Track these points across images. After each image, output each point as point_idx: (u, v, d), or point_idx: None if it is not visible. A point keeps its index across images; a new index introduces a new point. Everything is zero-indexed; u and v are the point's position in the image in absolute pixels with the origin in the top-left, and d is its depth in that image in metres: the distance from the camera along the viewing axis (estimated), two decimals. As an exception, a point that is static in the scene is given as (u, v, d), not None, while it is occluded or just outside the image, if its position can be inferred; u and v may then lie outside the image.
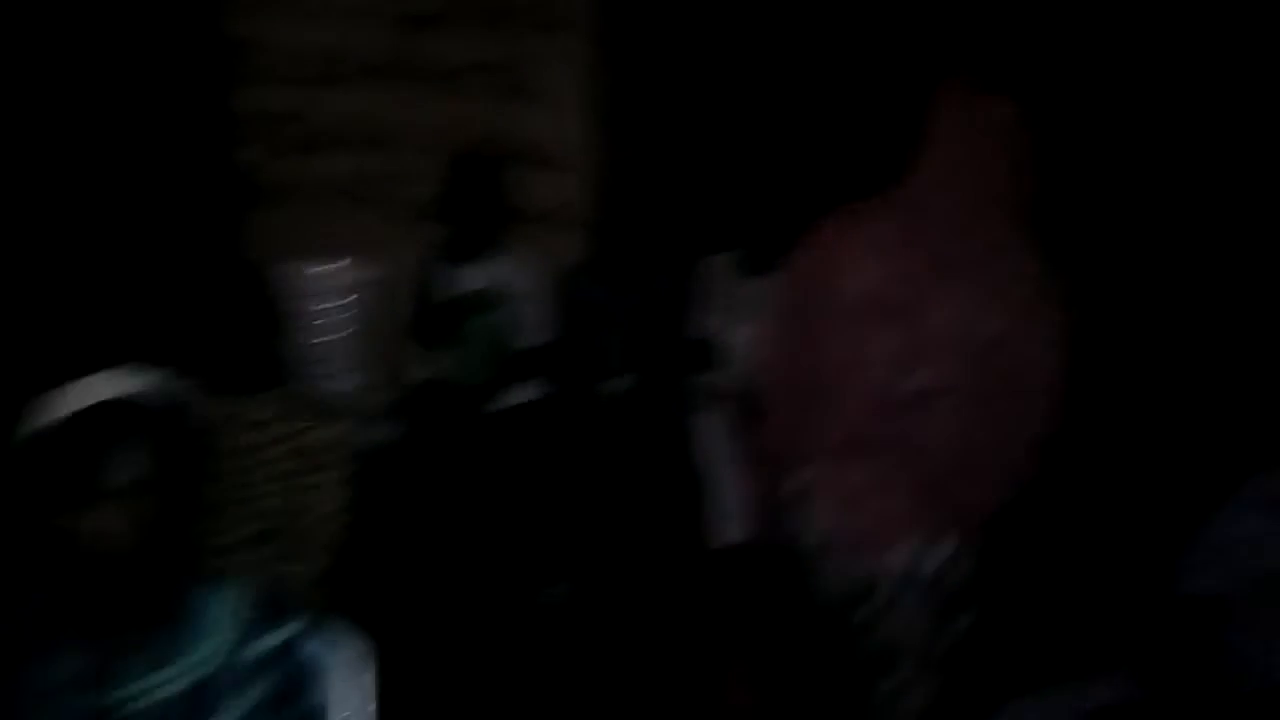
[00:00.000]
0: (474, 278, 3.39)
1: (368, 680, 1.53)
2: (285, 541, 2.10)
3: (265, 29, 3.96)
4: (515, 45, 3.98)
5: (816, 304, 2.34)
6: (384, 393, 3.61)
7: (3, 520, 1.34)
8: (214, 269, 2.30)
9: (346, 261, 3.70)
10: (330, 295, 3.61)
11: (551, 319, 3.49)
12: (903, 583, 2.29)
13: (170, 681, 1.36)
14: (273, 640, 1.40)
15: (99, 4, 3.78)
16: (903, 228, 2.27)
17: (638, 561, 3.39)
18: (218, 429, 1.50)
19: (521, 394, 3.46)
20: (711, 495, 3.38)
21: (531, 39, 3.97)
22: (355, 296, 3.70)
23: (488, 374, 3.41)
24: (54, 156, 3.72)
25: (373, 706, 1.53)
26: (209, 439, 1.46)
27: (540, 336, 3.46)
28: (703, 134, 3.95)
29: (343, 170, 4.02)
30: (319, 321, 3.62)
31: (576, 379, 3.51)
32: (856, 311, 2.27)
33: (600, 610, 3.35)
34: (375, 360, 3.68)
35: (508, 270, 3.41)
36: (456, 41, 4.02)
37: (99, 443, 1.29)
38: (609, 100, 3.98)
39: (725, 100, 3.93)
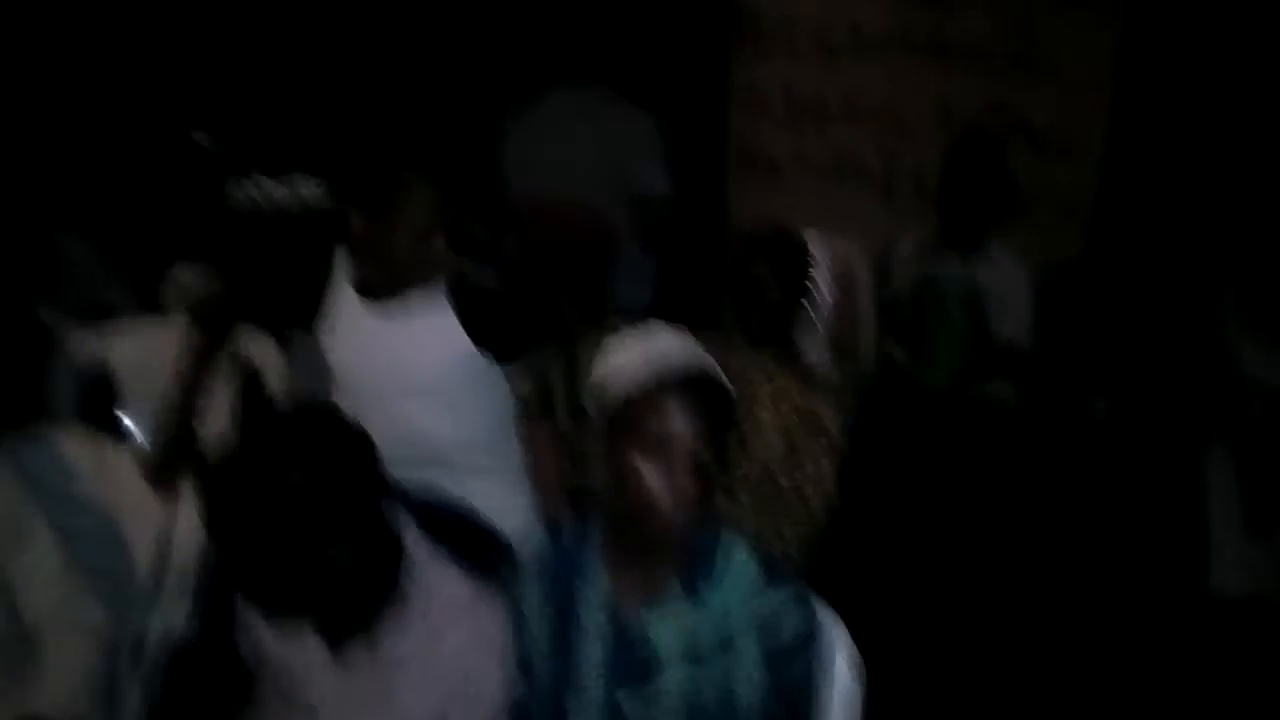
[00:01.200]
0: (958, 265, 3.20)
1: (852, 651, 1.56)
2: (780, 497, 2.12)
3: (773, 2, 4.00)
4: (1028, 17, 3.69)
5: None
6: (847, 371, 3.54)
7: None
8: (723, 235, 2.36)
9: (828, 236, 3.65)
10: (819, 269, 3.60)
11: (1034, 320, 3.22)
12: None
13: (702, 623, 1.42)
14: (777, 600, 1.43)
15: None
16: None
17: (1117, 604, 3.05)
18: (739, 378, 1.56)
19: (992, 395, 3.23)
20: (1214, 541, 2.95)
21: (1047, 11, 3.66)
22: (836, 272, 3.65)
23: (955, 368, 3.22)
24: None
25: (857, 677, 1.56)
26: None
27: (1019, 337, 3.21)
28: (1225, 132, 3.44)
29: (833, 144, 3.98)
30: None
31: (1054, 388, 3.23)
32: None
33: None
34: (843, 338, 3.62)
35: (996, 260, 3.19)
36: (962, 12, 3.81)
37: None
38: (1130, 84, 3.58)
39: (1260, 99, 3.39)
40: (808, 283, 2.47)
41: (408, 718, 1.44)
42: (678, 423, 1.36)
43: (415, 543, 1.48)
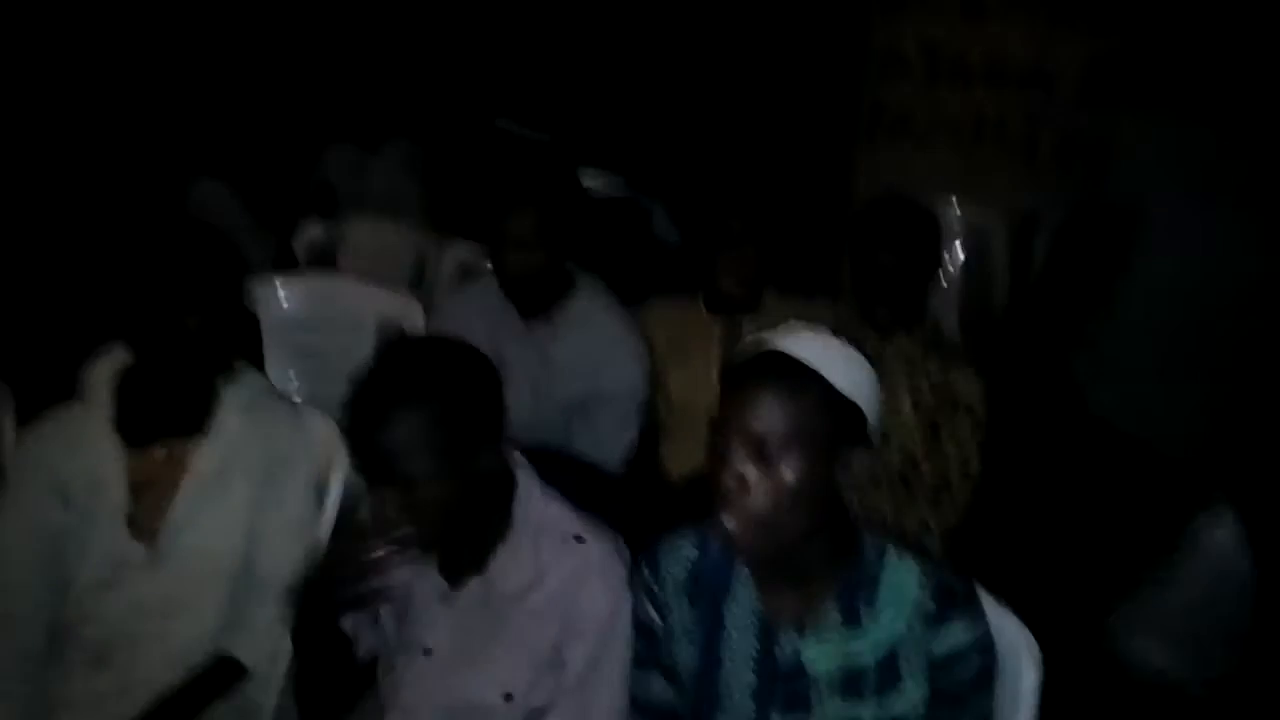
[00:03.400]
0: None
1: (1035, 676, 1.42)
2: (923, 485, 2.07)
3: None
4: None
5: None
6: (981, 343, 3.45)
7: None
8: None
9: (964, 201, 3.55)
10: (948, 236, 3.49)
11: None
12: None
13: (862, 653, 1.33)
14: (950, 635, 1.30)
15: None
16: None
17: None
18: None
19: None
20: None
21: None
22: (961, 239, 3.55)
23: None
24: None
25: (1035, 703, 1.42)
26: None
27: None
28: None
29: (974, 106, 3.85)
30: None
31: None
32: None
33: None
34: (977, 308, 3.53)
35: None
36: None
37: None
38: None
39: None
40: (939, 250, 2.34)
41: (522, 651, 1.46)
42: (775, 420, 1.26)
43: (525, 477, 1.51)
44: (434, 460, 1.35)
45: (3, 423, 1.96)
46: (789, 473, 1.25)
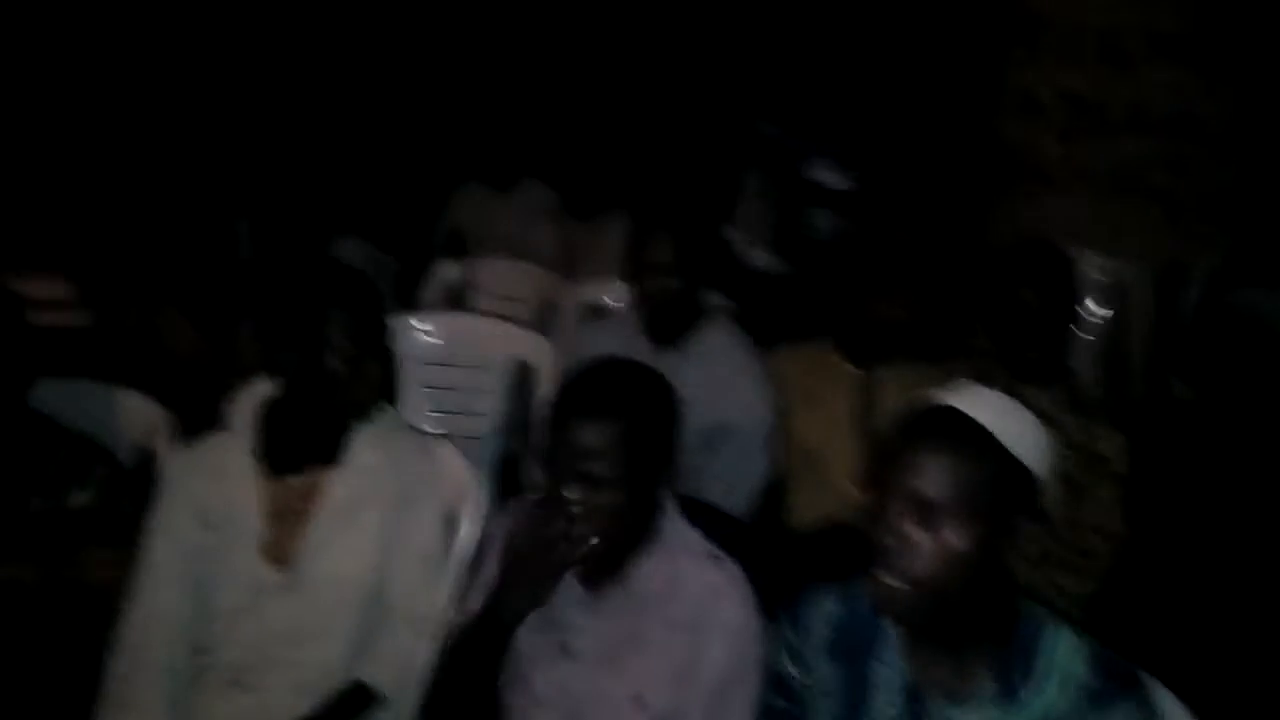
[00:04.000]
0: (1255, 299, 2.93)
1: None
2: (1063, 551, 1.98)
3: (1056, 4, 3.78)
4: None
5: None
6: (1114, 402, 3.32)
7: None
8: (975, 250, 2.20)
9: (1104, 254, 3.42)
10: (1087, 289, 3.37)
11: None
12: None
13: None
14: (1121, 712, 1.22)
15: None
16: None
17: None
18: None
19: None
20: None
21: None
22: (1101, 291, 3.42)
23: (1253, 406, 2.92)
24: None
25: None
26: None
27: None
28: None
29: (1117, 156, 3.73)
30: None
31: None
32: None
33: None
34: (1117, 363, 3.39)
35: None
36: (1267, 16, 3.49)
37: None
38: None
39: None
40: (1077, 303, 2.26)
41: (657, 657, 1.49)
42: (946, 484, 1.20)
43: (668, 499, 1.57)
44: (619, 468, 1.43)
45: (161, 447, 2.05)
46: (955, 539, 1.20)
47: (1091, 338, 3.29)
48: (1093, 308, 3.31)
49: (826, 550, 1.95)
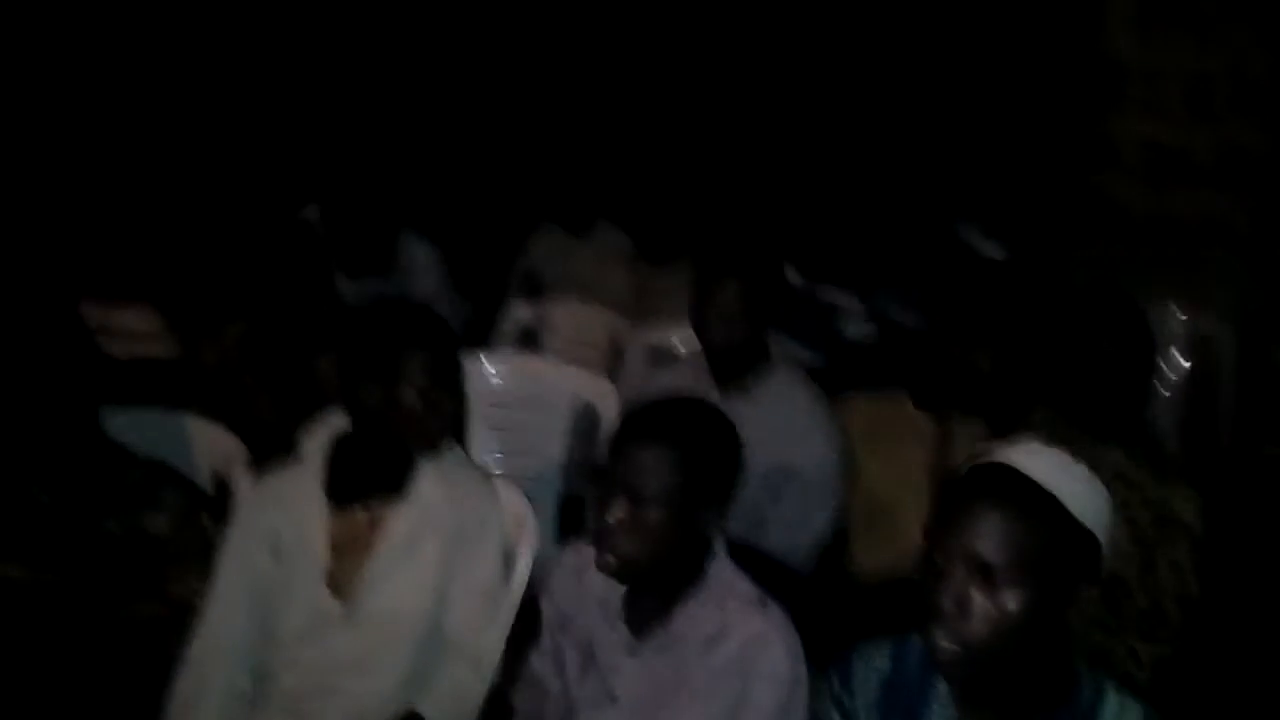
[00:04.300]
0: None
1: None
2: (1133, 611, 1.91)
3: (1141, 51, 3.72)
4: None
5: None
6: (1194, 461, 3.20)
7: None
8: (1090, 305, 2.14)
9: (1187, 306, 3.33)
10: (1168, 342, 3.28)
11: None
12: None
13: None
14: None
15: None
16: None
17: None
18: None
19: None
20: None
21: None
22: (1184, 345, 3.33)
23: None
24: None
25: None
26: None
27: None
28: None
29: (1203, 206, 3.64)
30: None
31: None
32: None
33: None
34: (1198, 420, 3.28)
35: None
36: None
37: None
38: None
39: None
40: (1157, 356, 2.18)
41: (703, 703, 1.50)
42: (1005, 547, 1.17)
43: (719, 544, 1.58)
44: (667, 489, 1.47)
45: (236, 476, 2.11)
46: (1013, 603, 1.18)
47: (1170, 393, 3.19)
48: (1175, 361, 3.22)
49: (887, 603, 1.92)
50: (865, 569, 2.38)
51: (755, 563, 1.68)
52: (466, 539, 1.77)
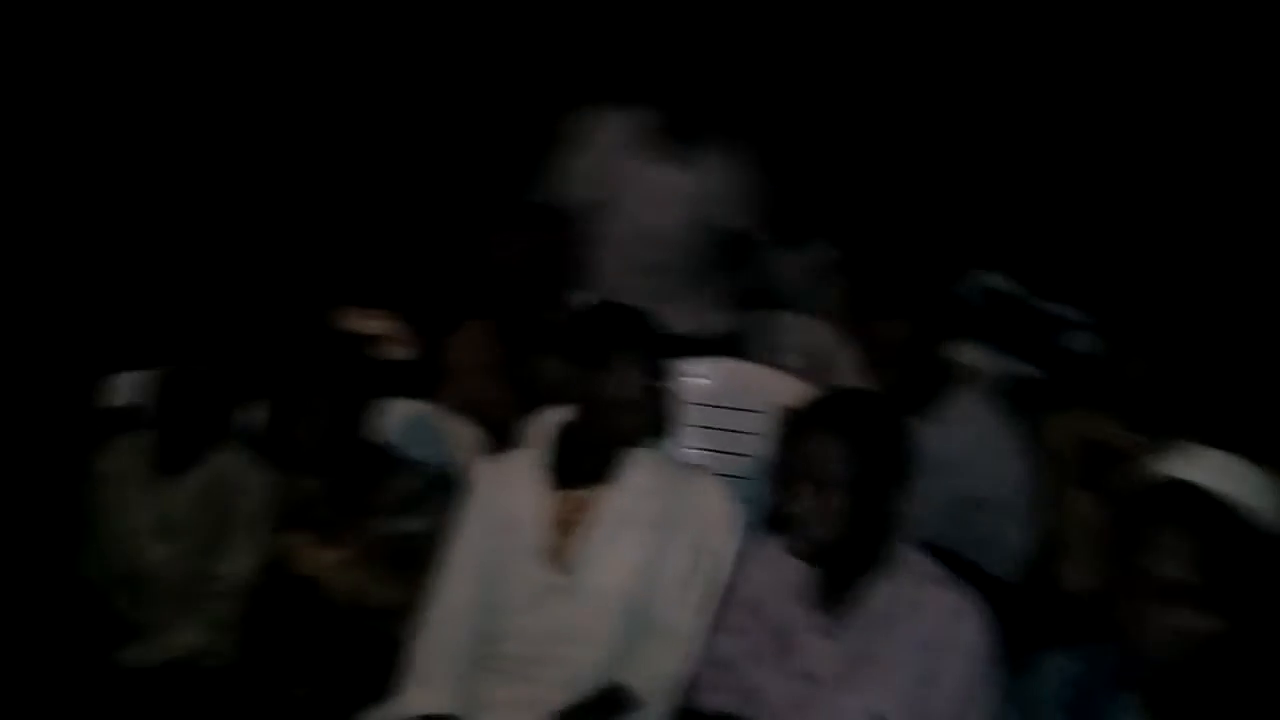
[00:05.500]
0: None
1: None
2: None
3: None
4: None
5: None
6: None
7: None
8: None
9: None
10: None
11: None
12: None
13: None
14: None
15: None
16: None
17: None
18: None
19: None
20: None
21: None
22: None
23: None
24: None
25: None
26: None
27: None
28: None
29: None
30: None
31: None
32: None
33: None
34: None
35: None
36: None
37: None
38: None
39: None
40: None
41: (897, 676, 1.55)
42: (1181, 567, 1.19)
43: (900, 522, 1.64)
44: (846, 473, 1.57)
45: (473, 461, 2.26)
46: (1200, 620, 1.19)
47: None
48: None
49: (1090, 615, 1.89)
50: (1072, 585, 2.33)
51: (958, 565, 1.71)
52: (666, 526, 1.90)
